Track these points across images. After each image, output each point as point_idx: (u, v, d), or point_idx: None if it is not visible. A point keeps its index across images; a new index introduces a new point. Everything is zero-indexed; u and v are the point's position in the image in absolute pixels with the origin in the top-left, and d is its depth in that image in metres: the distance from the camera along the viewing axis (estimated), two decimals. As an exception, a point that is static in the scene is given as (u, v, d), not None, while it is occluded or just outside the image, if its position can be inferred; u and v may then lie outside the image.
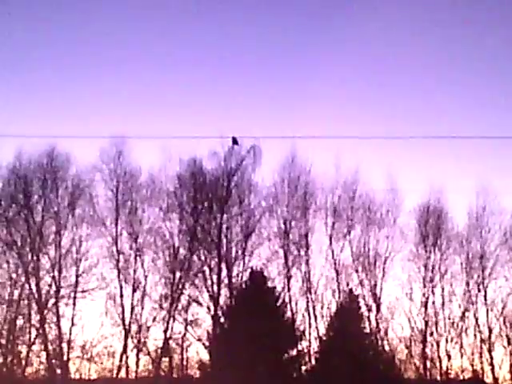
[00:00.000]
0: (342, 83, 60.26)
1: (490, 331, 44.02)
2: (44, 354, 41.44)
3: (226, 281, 42.92)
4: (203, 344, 41.86)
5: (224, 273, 42.90)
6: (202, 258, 43.39)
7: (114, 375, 41.96)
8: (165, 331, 41.99)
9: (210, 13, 60.35)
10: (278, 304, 39.71)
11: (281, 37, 62.40)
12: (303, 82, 58.60)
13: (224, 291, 42.64)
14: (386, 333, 44.03)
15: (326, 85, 59.16)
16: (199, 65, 59.68)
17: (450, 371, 43.90)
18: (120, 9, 59.89)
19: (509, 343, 43.93)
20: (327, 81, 59.07)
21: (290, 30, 62.50)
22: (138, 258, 42.60)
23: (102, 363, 42.50)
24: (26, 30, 58.47)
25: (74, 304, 41.71)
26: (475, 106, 59.96)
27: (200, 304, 42.75)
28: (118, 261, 42.31)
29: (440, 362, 43.86)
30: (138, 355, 42.02)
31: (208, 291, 42.61)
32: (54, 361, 41.50)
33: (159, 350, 42.17)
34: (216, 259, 43.06)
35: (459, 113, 58.77)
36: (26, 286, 41.85)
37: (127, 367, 41.95)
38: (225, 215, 43.80)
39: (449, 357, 43.83)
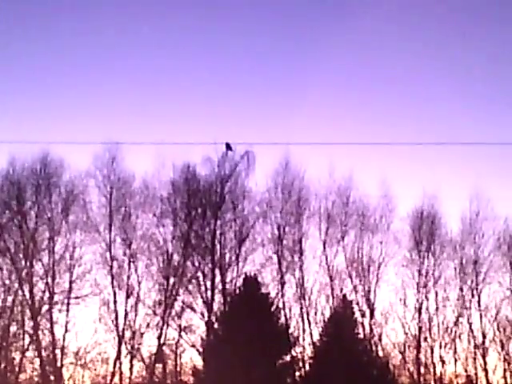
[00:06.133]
0: (335, 89, 60.40)
1: (484, 336, 44.16)
2: (37, 360, 41.41)
3: (220, 287, 42.92)
4: (197, 350, 41.86)
5: (218, 279, 42.94)
6: (196, 263, 43.41)
7: (108, 381, 41.96)
8: (158, 337, 41.97)
9: (203, 20, 60.32)
10: (272, 310, 39.50)
11: (274, 43, 62.51)
12: (297, 88, 58.71)
13: (218, 297, 42.71)
14: (379, 338, 44.14)
15: (319, 91, 59.10)
16: (193, 71, 59.69)
17: (443, 376, 44.10)
18: (115, 17, 59.87)
19: (502, 348, 44.10)
20: (321, 87, 58.99)
21: (284, 37, 62.57)
22: (131, 264, 42.64)
23: (95, 369, 42.61)
24: (19, 35, 58.46)
25: (68, 310, 41.76)
26: (469, 113, 60.06)
27: (194, 310, 42.80)
28: (111, 267, 42.31)
29: (434, 367, 44.01)
30: (131, 361, 42.01)
31: (202, 297, 42.66)
32: (47, 367, 41.43)
33: (153, 356, 42.14)
34: (210, 265, 43.06)
35: (453, 119, 58.89)
36: (20, 292, 41.80)
37: (121, 373, 41.96)
38: (218, 221, 43.83)
39: (443, 362, 43.97)
